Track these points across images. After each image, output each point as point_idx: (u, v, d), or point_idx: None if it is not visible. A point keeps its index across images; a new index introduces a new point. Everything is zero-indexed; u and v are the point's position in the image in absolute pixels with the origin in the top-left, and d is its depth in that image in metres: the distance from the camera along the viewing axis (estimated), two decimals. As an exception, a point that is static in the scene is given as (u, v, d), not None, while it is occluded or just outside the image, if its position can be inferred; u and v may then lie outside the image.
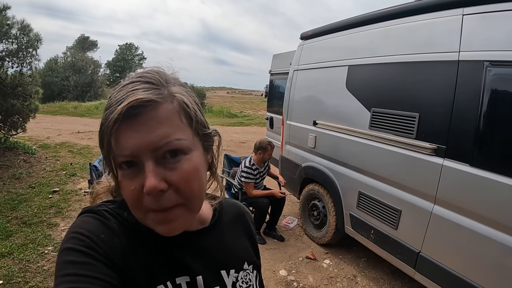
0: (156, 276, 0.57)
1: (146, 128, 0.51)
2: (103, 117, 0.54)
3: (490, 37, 2.00)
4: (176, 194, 0.53)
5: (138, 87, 0.53)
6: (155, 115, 0.52)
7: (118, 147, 0.51)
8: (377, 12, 2.94)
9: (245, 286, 0.70)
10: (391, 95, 2.69)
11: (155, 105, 0.52)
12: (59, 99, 21.71)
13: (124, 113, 0.50)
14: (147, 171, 0.51)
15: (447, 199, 2.21)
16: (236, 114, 20.35)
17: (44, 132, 9.48)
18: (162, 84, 0.56)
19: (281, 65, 5.91)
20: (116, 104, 0.51)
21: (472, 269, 2.08)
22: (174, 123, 0.54)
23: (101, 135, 0.55)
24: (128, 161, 0.52)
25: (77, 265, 0.49)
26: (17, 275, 2.77)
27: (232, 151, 8.17)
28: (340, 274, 3.20)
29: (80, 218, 0.58)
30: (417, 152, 2.41)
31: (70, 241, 0.52)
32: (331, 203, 3.45)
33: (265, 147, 3.75)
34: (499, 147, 2.00)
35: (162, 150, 0.52)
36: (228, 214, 0.76)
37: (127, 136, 0.51)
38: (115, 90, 0.56)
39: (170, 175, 0.52)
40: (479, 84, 2.00)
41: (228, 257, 0.70)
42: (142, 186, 0.51)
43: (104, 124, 0.53)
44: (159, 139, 0.51)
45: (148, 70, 0.58)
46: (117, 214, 0.59)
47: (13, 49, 5.86)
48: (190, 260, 0.62)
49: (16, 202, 4.26)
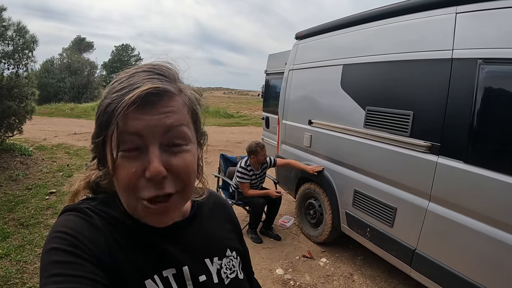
0: (143, 270, 0.57)
1: (160, 113, 0.53)
2: (109, 98, 0.54)
3: (483, 35, 2.02)
4: (174, 182, 0.55)
5: (153, 76, 0.55)
6: (170, 105, 0.55)
7: (128, 127, 0.52)
8: (371, 11, 2.95)
9: (229, 272, 0.72)
10: (385, 94, 2.71)
11: (171, 96, 0.56)
12: (55, 100, 21.57)
13: (142, 97, 0.51)
14: (152, 155, 0.52)
15: (442, 196, 2.22)
16: (232, 114, 20.33)
17: (41, 134, 9.42)
18: (174, 79, 0.59)
19: (277, 65, 5.92)
20: (131, 88, 0.52)
21: (467, 265, 2.09)
22: (184, 114, 0.57)
23: (105, 115, 0.54)
24: (133, 143, 0.53)
25: (63, 265, 0.49)
26: (14, 276, 2.76)
27: (228, 151, 8.17)
28: (336, 273, 3.21)
29: (62, 217, 0.57)
30: (412, 150, 2.42)
31: (54, 241, 0.52)
32: (327, 201, 3.46)
33: (255, 150, 3.69)
34: (493, 144, 2.02)
35: (171, 133, 0.54)
36: (207, 204, 0.78)
37: (139, 118, 0.52)
38: (123, 75, 0.57)
39: (172, 161, 0.54)
40: (473, 82, 2.02)
41: (211, 245, 0.72)
42: (143, 169, 0.52)
43: (113, 105, 0.53)
44: (172, 122, 0.54)
45: (159, 62, 0.60)
46: (99, 211, 0.59)
47: (9, 51, 5.82)
48: (175, 252, 0.63)
49: (13, 204, 4.23)
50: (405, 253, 2.51)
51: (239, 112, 21.67)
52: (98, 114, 0.56)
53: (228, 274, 0.71)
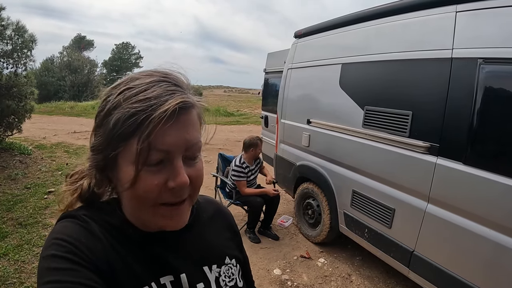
0: (141, 278, 0.57)
1: (184, 128, 0.55)
2: (131, 107, 0.52)
3: (484, 34, 1.99)
4: (190, 188, 0.58)
5: (173, 88, 0.56)
6: (190, 117, 0.57)
7: (158, 142, 0.52)
8: (370, 10, 2.93)
9: (228, 280, 0.71)
10: (384, 93, 2.69)
11: (191, 108, 0.57)
12: (55, 99, 21.59)
13: (172, 111, 0.52)
14: (178, 167, 0.54)
15: (441, 198, 2.20)
16: (232, 112, 20.32)
17: (40, 133, 9.44)
18: (188, 89, 0.59)
19: (276, 64, 5.89)
20: (159, 100, 0.52)
21: (466, 267, 2.08)
22: (197, 126, 0.59)
23: (127, 126, 0.52)
24: (161, 157, 0.54)
25: (60, 272, 0.49)
26: (12, 276, 2.77)
27: (228, 150, 8.16)
28: (334, 273, 3.20)
29: (59, 223, 0.58)
30: (411, 151, 2.40)
31: (51, 248, 0.52)
32: (326, 201, 3.45)
33: (256, 143, 3.79)
34: (493, 145, 2.00)
35: (190, 149, 0.56)
36: (206, 211, 0.78)
37: (168, 133, 0.53)
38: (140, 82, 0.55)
39: (191, 171, 0.57)
40: (473, 82, 1.99)
41: (209, 253, 0.71)
42: (165, 180, 0.54)
43: (142, 116, 0.51)
44: (191, 139, 0.56)
45: (171, 72, 0.60)
46: (97, 218, 0.59)
47: (8, 50, 5.85)
48: (173, 259, 0.63)
49: (11, 203, 4.24)
50: (403, 254, 2.50)
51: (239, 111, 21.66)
52: (115, 123, 0.53)
53: (227, 282, 0.71)
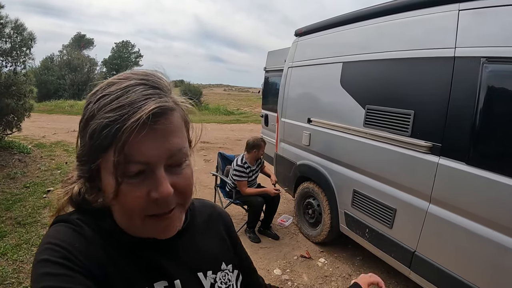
0: (134, 283, 0.56)
1: (163, 136, 0.51)
2: (103, 117, 0.49)
3: (487, 33, 1.97)
4: (177, 196, 0.55)
5: (149, 91, 0.52)
6: (170, 123, 0.53)
7: (134, 154, 0.49)
8: (372, 8, 2.90)
9: (224, 286, 0.70)
10: (385, 92, 2.66)
11: (171, 113, 0.53)
12: (55, 97, 21.52)
13: (145, 119, 0.48)
14: (160, 177, 0.51)
15: (443, 198, 2.18)
16: (232, 111, 20.28)
17: (40, 131, 9.40)
18: (168, 91, 0.56)
19: (276, 62, 5.87)
20: (132, 108, 0.49)
21: (468, 269, 2.06)
22: (182, 131, 0.56)
23: (106, 138, 0.49)
24: (139, 169, 0.51)
25: (54, 277, 0.48)
26: (10, 276, 2.75)
27: (228, 149, 8.15)
28: (335, 273, 3.18)
29: (53, 227, 0.57)
30: (412, 150, 2.38)
31: (45, 253, 0.51)
32: (326, 201, 3.43)
33: (259, 145, 3.78)
34: (496, 145, 1.98)
35: (173, 158, 0.53)
36: (201, 215, 0.76)
37: (145, 143, 0.50)
38: (115, 88, 0.52)
39: (177, 180, 0.54)
40: (475, 81, 1.97)
41: (204, 259, 0.70)
42: (148, 192, 0.51)
43: (115, 127, 0.48)
44: (173, 148, 0.52)
45: (150, 73, 0.57)
46: (90, 222, 0.57)
47: (7, 48, 5.81)
48: (167, 264, 0.62)
49: (10, 202, 4.22)
50: (404, 255, 2.48)
51: (239, 109, 21.63)
52: (91, 135, 0.51)
53: None
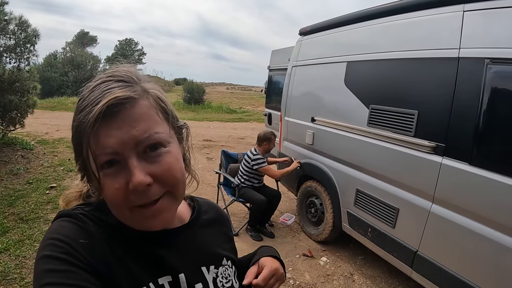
0: (139, 278, 0.57)
1: (127, 125, 0.52)
2: (77, 120, 0.53)
3: (491, 34, 1.97)
4: (160, 185, 0.54)
5: (112, 85, 0.53)
6: (134, 112, 0.53)
7: (100, 147, 0.51)
8: (377, 8, 2.90)
9: (225, 281, 0.71)
10: (389, 92, 2.66)
11: (133, 102, 0.53)
12: (58, 94, 21.52)
13: (104, 112, 0.49)
14: (131, 167, 0.51)
15: (446, 198, 2.18)
16: (235, 110, 20.23)
17: (43, 128, 9.44)
18: (135, 81, 0.56)
19: (280, 61, 5.87)
20: (93, 105, 0.50)
21: (470, 269, 2.06)
22: (152, 117, 0.55)
23: (77, 138, 0.53)
24: (110, 160, 0.52)
25: (57, 274, 0.48)
26: (13, 271, 2.76)
27: (231, 147, 8.15)
28: (337, 272, 3.19)
29: (55, 222, 0.57)
30: (416, 150, 2.38)
31: (47, 248, 0.51)
32: (329, 200, 3.43)
33: (270, 137, 3.89)
34: (499, 146, 1.98)
35: (143, 144, 0.53)
36: (206, 213, 0.78)
37: (109, 134, 0.51)
38: (86, 91, 0.55)
39: (154, 168, 0.54)
40: (479, 82, 1.97)
41: (208, 253, 0.71)
42: (126, 183, 0.51)
43: (81, 126, 0.51)
44: (140, 134, 0.52)
45: (118, 68, 0.58)
46: (94, 217, 0.58)
47: (11, 45, 5.82)
48: (171, 258, 0.62)
49: (13, 198, 4.24)
50: (406, 254, 2.48)
51: (241, 108, 21.58)
52: (71, 138, 0.56)
53: (224, 283, 0.71)
